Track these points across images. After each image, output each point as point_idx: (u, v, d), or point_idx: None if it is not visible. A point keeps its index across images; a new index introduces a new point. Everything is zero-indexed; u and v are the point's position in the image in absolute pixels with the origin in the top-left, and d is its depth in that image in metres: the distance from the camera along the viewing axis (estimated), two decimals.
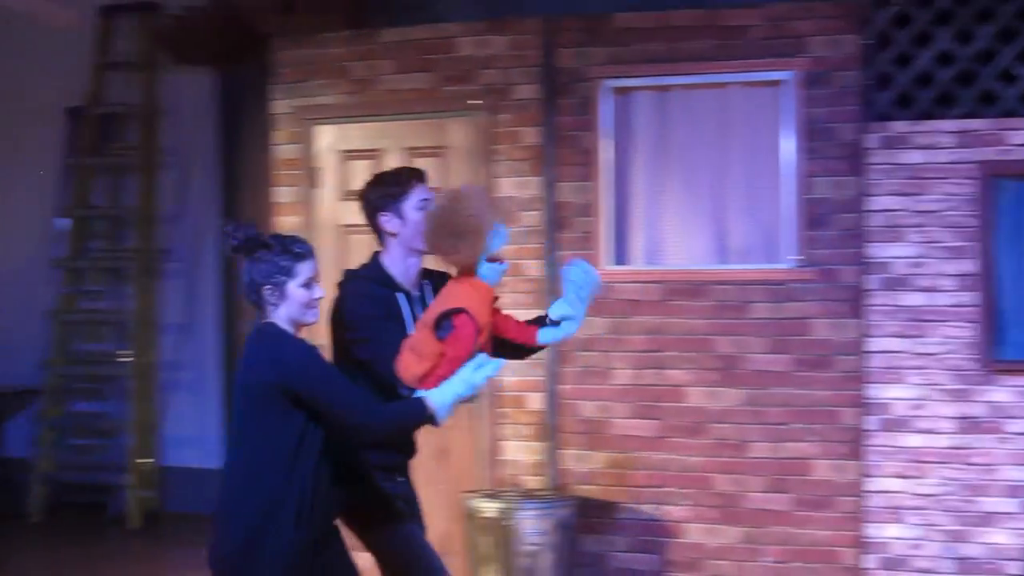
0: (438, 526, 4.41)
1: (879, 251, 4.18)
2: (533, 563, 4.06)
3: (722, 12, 4.30)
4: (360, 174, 4.42)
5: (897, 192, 4.19)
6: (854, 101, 4.16)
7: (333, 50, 4.62)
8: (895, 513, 4.17)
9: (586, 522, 4.32)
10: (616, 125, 4.35)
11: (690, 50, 4.30)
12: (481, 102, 4.35)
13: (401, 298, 2.84)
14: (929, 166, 4.15)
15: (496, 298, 2.73)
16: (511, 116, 4.38)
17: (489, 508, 4.07)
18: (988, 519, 4.10)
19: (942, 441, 4.13)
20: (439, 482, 4.39)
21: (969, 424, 4.10)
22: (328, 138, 4.61)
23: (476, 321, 2.65)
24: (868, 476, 4.19)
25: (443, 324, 2.64)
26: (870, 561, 4.19)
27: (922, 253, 4.14)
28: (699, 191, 4.32)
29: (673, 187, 4.37)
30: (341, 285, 2.86)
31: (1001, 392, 4.10)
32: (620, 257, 4.32)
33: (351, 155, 4.57)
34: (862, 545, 4.16)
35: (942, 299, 4.13)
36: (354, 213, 3.94)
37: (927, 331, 4.13)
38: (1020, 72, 4.12)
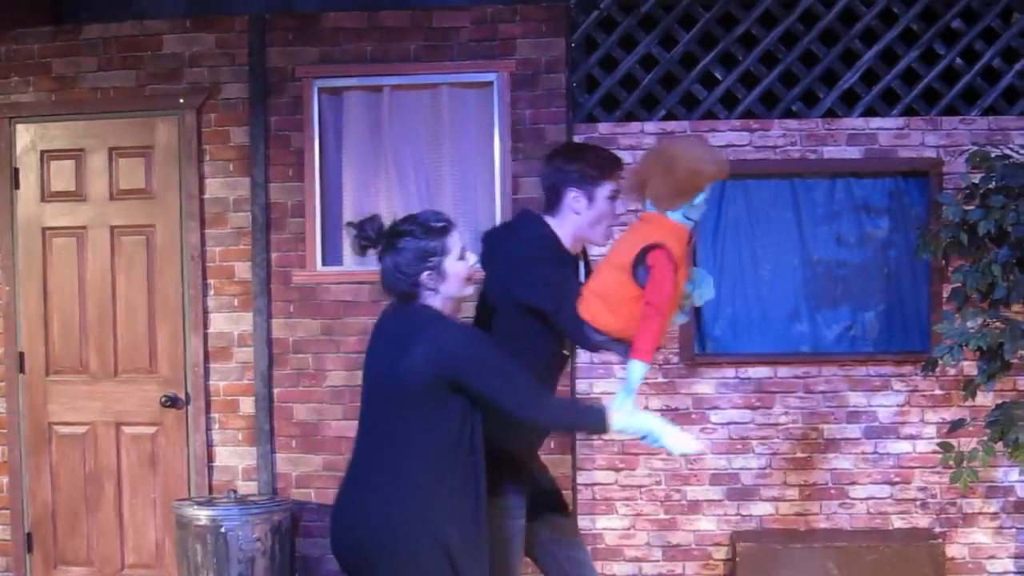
0: (149, 536, 5.48)
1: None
2: (248, 570, 5.13)
3: (431, 13, 5.36)
4: (63, 174, 5.43)
5: None
6: (561, 103, 5.26)
7: (33, 46, 5.42)
8: (606, 504, 5.45)
9: (303, 526, 5.38)
10: (327, 125, 5.28)
11: (400, 50, 5.32)
12: (188, 101, 5.23)
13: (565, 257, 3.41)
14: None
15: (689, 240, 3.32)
16: (219, 115, 5.28)
17: (202, 516, 5.07)
18: (695, 507, 5.38)
19: None
20: (150, 491, 5.36)
21: (675, 416, 5.29)
22: (28, 137, 5.39)
23: (674, 260, 3.15)
24: (580, 469, 5.36)
25: (639, 267, 3.15)
26: None
27: None
28: (412, 192, 5.29)
29: (386, 188, 5.32)
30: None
31: (704, 384, 5.36)
32: (332, 258, 5.27)
33: (53, 155, 5.37)
34: None
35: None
36: (57, 215, 4.96)
37: None
38: (720, 75, 5.43)
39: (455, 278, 3.12)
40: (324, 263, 5.31)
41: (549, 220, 3.44)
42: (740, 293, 5.33)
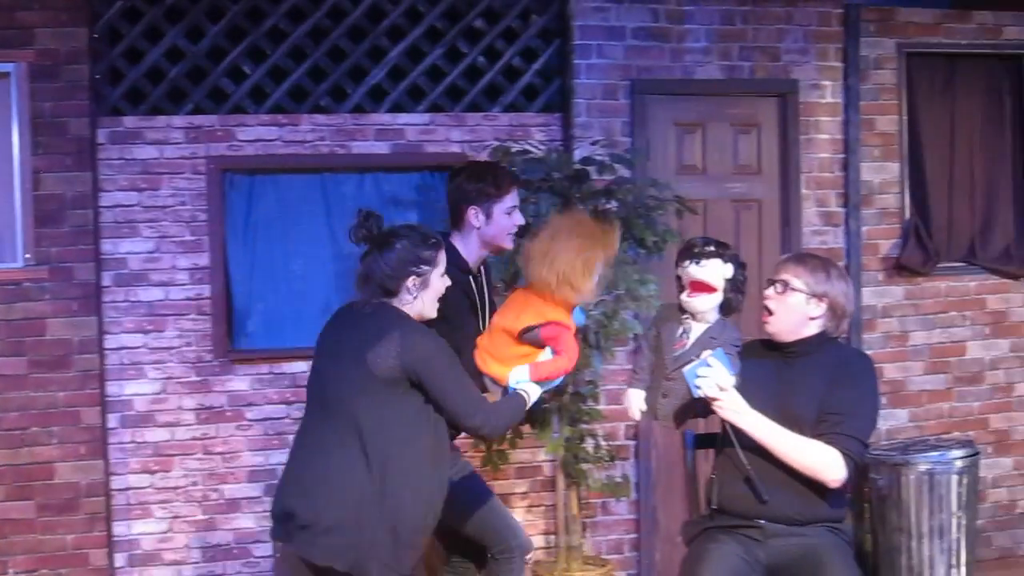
0: None
1: (114, 247, 6.10)
2: None
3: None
4: None
5: (130, 187, 6.20)
6: (84, 95, 5.96)
7: None
8: (142, 509, 6.38)
9: None
10: None
11: None
12: None
13: (472, 281, 4.50)
14: (161, 161, 6.18)
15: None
16: None
17: None
18: (234, 505, 6.30)
19: (185, 433, 6.19)
20: None
21: (210, 414, 6.16)
22: None
23: (564, 325, 4.08)
24: (113, 474, 6.22)
25: (531, 332, 4.08)
26: (120, 560, 6.12)
27: (157, 248, 6.12)
28: None
29: None
30: None
31: (239, 381, 6.25)
32: None
33: None
34: (111, 544, 6.13)
35: (178, 293, 6.13)
36: None
37: (165, 325, 6.12)
38: (248, 69, 6.51)
39: (433, 292, 4.02)
40: None
41: (456, 239, 4.56)
42: (273, 289, 6.26)
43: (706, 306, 4.32)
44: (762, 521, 4.28)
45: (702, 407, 4.30)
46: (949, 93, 7.17)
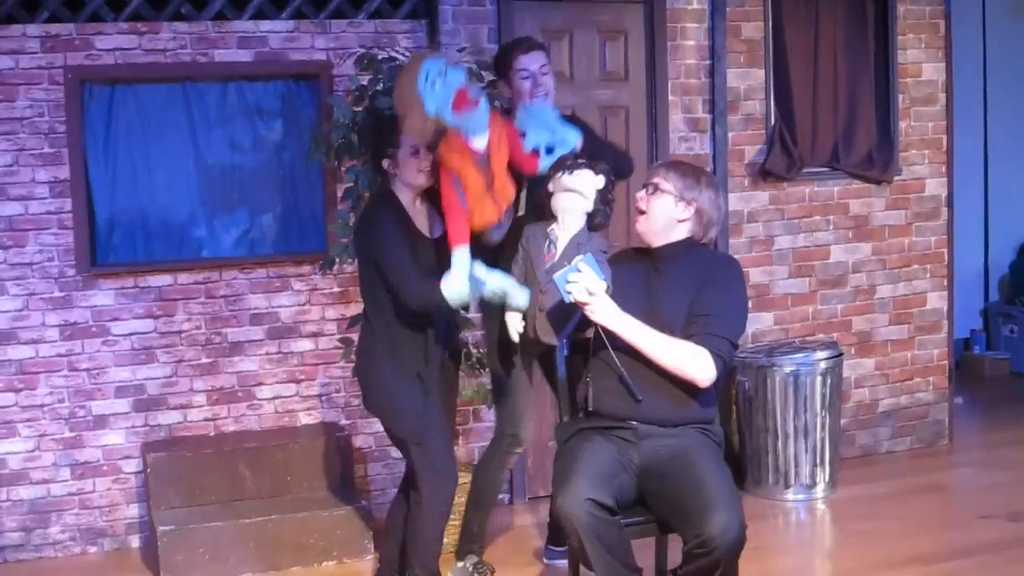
0: None
1: None
2: None
3: None
4: None
5: None
6: None
7: None
8: (7, 428, 6.33)
9: None
10: None
11: None
12: None
13: None
14: (17, 71, 6.05)
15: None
16: None
17: None
18: (101, 422, 6.36)
19: (49, 350, 6.19)
20: None
21: (74, 330, 6.15)
22: None
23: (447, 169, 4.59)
24: None
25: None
26: None
27: (15, 161, 6.07)
28: None
29: None
30: None
31: (103, 296, 6.26)
32: None
33: None
34: None
35: (37, 207, 6.11)
36: None
37: (24, 240, 6.02)
38: None
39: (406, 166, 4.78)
40: None
41: None
42: (136, 201, 6.21)
43: (583, 184, 4.58)
44: (635, 423, 4.37)
45: (581, 319, 4.39)
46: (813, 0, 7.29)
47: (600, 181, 4.58)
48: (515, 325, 4.69)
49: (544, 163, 4.78)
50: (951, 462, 7.48)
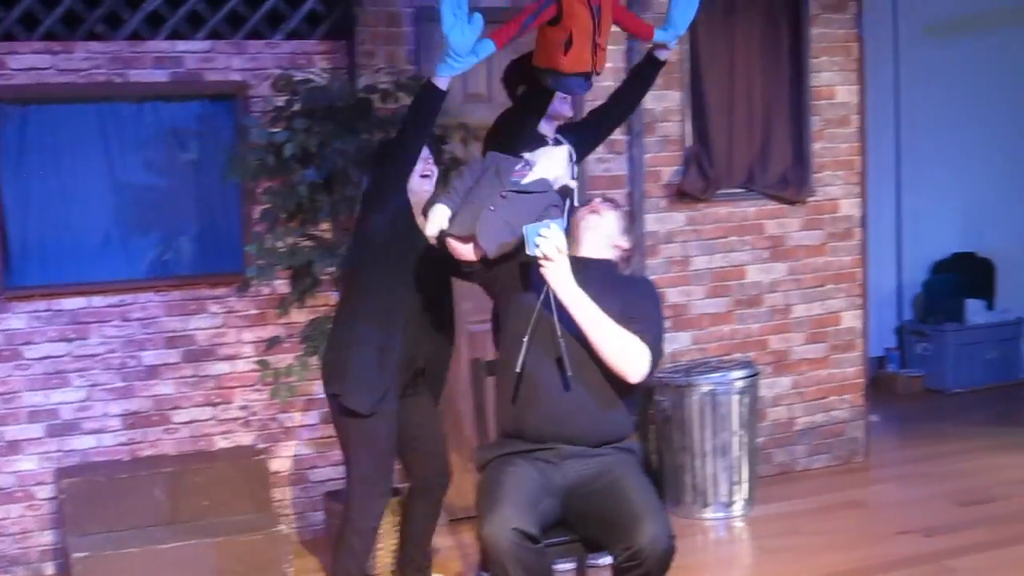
0: None
1: None
2: None
3: None
4: None
5: None
6: None
7: None
8: None
9: None
10: None
11: None
12: None
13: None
14: None
15: None
16: None
17: None
18: (14, 447, 6.22)
19: None
20: None
21: None
22: None
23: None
24: None
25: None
26: None
27: None
28: None
29: None
30: None
31: (15, 319, 6.13)
32: None
33: None
34: None
35: None
36: None
37: None
38: None
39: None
40: None
41: None
42: (50, 223, 6.16)
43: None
44: (557, 444, 4.43)
45: (515, 250, 4.45)
46: (729, 22, 7.40)
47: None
48: (440, 221, 4.52)
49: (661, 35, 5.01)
50: (867, 478, 7.60)
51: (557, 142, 5.14)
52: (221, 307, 6.43)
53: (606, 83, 6.32)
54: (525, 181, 4.59)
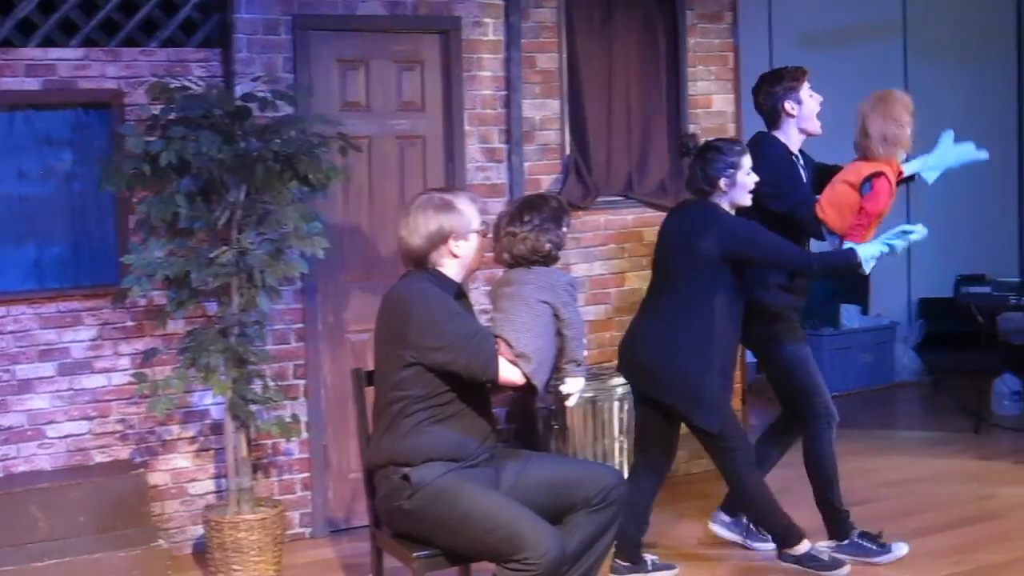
0: None
1: None
2: None
3: None
4: None
5: None
6: None
7: None
8: None
9: None
10: None
11: None
12: None
13: (796, 161, 5.80)
14: None
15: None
16: None
17: None
18: None
19: None
20: None
21: None
22: None
23: (892, 184, 5.44)
24: None
25: (865, 184, 5.45)
26: None
27: None
28: None
29: None
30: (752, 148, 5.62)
31: None
32: None
33: None
34: None
35: None
36: None
37: None
38: None
39: (742, 188, 5.48)
40: None
41: (776, 133, 5.90)
42: None
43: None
44: (489, 445, 4.80)
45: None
46: (607, 31, 7.52)
47: None
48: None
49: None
50: None
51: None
52: (96, 319, 6.38)
53: None
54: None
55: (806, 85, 5.88)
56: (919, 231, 5.32)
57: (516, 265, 4.82)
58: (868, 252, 5.30)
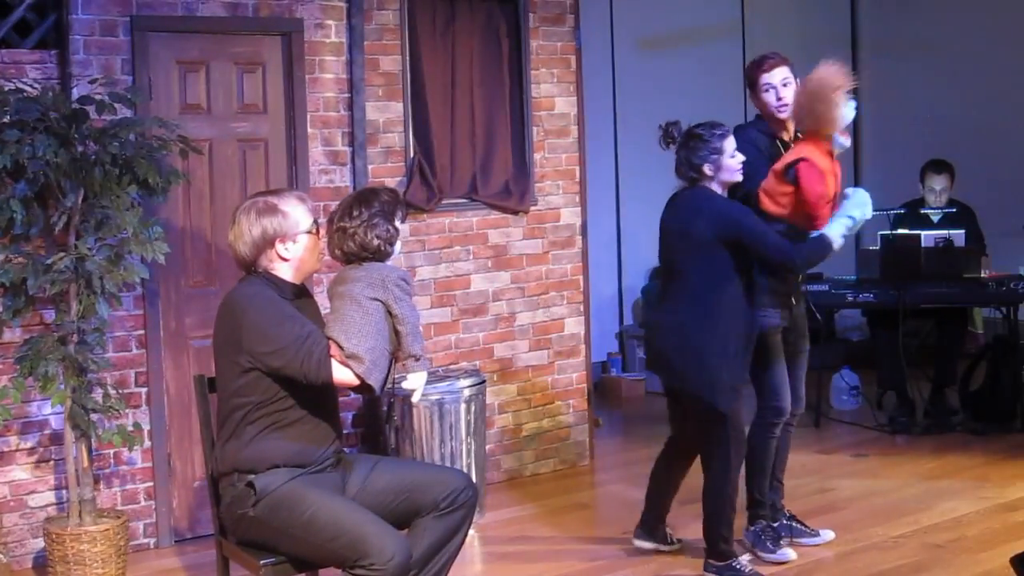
0: None
1: None
2: None
3: None
4: None
5: None
6: None
7: None
8: None
9: None
10: None
11: None
12: None
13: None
14: None
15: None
16: None
17: None
18: None
19: None
20: None
21: None
22: None
23: (817, 166, 5.42)
24: None
25: (789, 172, 5.46)
26: None
27: None
28: None
29: None
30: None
31: None
32: None
33: None
34: None
35: None
36: None
37: None
38: None
39: (729, 170, 5.60)
40: None
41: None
42: None
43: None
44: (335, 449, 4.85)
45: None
46: (450, 34, 7.57)
47: None
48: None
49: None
50: (594, 481, 7.87)
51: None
52: None
53: None
54: None
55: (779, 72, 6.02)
56: (858, 194, 5.64)
57: (349, 262, 4.76)
58: (835, 231, 5.53)
